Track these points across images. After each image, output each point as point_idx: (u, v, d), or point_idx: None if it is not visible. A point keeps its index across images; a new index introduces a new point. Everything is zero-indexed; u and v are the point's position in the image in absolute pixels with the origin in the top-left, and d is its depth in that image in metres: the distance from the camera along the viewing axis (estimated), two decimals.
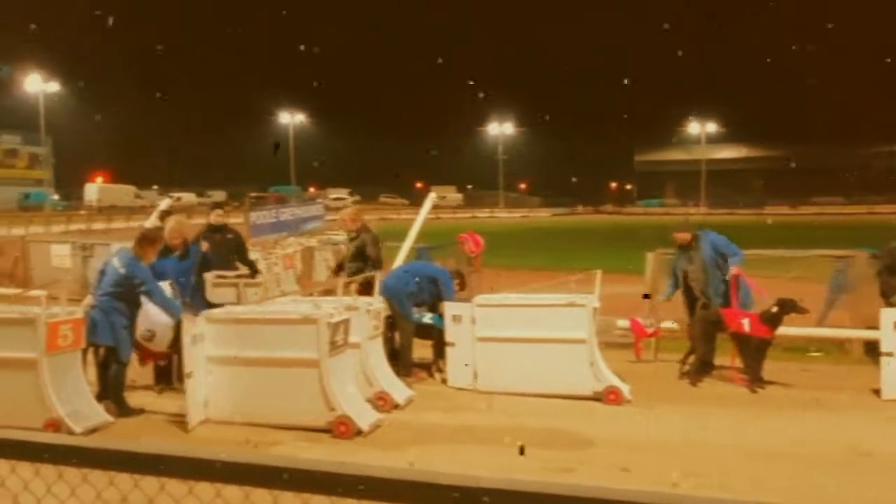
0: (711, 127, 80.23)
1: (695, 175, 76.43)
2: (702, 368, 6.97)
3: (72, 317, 5.80)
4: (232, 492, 1.49)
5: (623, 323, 7.98)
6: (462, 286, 7.58)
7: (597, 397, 6.30)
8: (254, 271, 8.04)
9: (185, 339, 5.66)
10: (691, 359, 7.05)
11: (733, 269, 7.11)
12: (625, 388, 6.33)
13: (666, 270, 8.07)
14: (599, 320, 6.75)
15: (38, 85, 53.03)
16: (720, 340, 7.13)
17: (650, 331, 7.77)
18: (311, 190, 62.51)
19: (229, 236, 7.77)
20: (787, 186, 71.46)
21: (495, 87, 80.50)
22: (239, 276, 7.51)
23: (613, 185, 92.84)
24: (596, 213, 71.70)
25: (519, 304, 6.79)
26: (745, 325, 6.71)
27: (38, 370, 5.48)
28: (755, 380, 6.74)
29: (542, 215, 66.82)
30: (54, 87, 54.31)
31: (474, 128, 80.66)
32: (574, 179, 66.21)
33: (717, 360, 7.20)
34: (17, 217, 31.33)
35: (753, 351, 6.76)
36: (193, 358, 5.65)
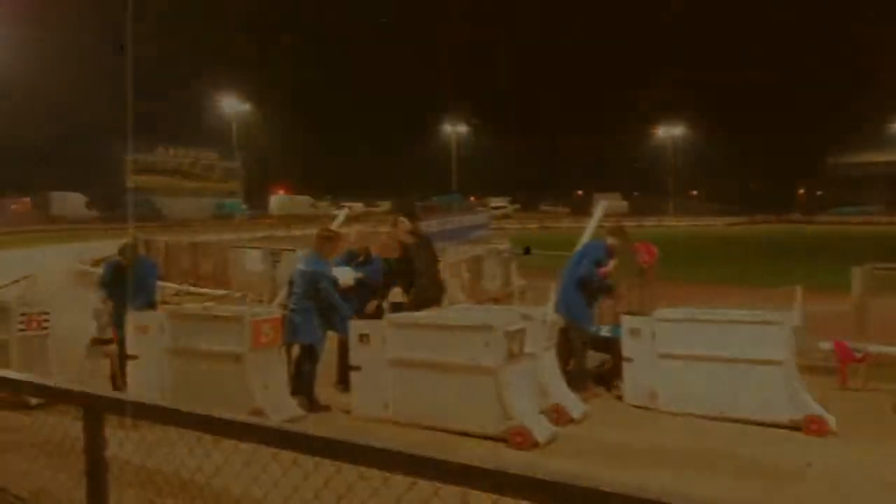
0: None
1: None
2: None
3: (272, 316, 6.34)
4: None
5: (825, 345, 7.16)
6: (611, 254, 7.25)
7: (795, 426, 5.71)
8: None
9: (352, 338, 6.04)
10: None
11: None
12: (830, 419, 5.68)
13: (877, 287, 7.12)
14: (798, 341, 6.11)
15: (232, 105, 59.33)
16: None
17: (858, 356, 6.90)
18: (472, 199, 63.64)
19: None
20: None
21: (664, 87, 76.47)
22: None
23: (801, 191, 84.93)
24: (779, 222, 65.58)
25: (706, 319, 6.33)
26: None
27: (244, 363, 6.03)
28: None
29: (715, 224, 62.53)
30: (245, 107, 60.50)
31: (641, 131, 77.62)
32: (752, 185, 61.12)
33: None
34: (212, 225, 35.14)
35: None
36: (361, 355, 6.13)
